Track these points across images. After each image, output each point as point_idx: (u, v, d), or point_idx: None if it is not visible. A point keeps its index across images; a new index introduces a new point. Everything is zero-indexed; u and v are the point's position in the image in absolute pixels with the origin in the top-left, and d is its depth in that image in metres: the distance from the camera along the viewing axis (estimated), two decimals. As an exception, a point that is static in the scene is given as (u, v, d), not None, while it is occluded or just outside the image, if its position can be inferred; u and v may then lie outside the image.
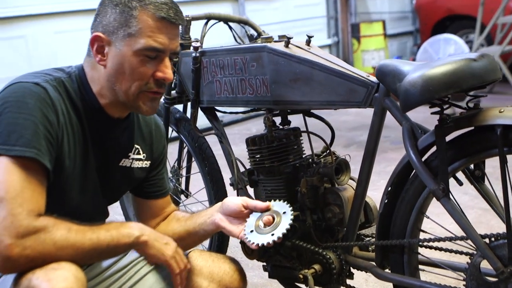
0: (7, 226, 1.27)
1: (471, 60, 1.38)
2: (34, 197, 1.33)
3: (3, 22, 4.31)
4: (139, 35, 1.43)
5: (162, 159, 1.81)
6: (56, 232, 1.32)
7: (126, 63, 1.45)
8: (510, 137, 1.35)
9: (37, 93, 1.39)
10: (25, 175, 1.32)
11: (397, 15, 7.88)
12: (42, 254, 1.30)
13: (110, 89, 1.49)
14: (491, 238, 1.41)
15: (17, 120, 1.34)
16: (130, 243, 1.45)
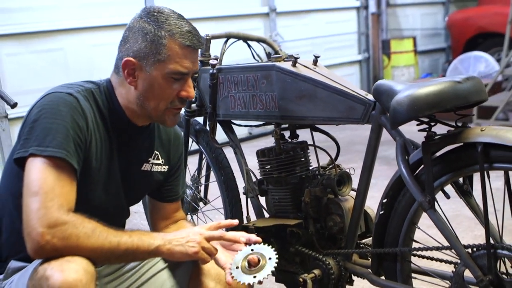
0: (40, 217, 1.42)
1: (456, 82, 1.49)
2: (64, 193, 1.48)
3: (43, 35, 4.55)
4: (168, 61, 1.60)
5: (179, 166, 1.96)
6: (82, 229, 1.46)
7: (155, 84, 1.62)
8: (490, 154, 1.45)
9: (70, 102, 1.56)
10: (56, 173, 1.48)
11: (430, 32, 7.92)
12: (65, 246, 1.43)
13: (139, 106, 1.66)
14: (473, 248, 1.51)
15: (51, 125, 1.51)
16: (150, 251, 1.57)
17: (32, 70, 4.45)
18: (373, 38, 7.03)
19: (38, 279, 1.43)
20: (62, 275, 1.39)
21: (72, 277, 1.40)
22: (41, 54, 4.54)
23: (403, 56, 6.85)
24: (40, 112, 1.54)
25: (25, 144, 1.51)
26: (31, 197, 1.45)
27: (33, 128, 1.53)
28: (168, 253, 1.59)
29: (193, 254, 1.59)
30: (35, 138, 1.50)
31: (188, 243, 1.60)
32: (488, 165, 1.46)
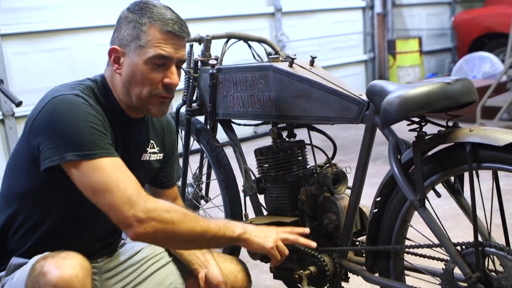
0: (129, 208, 1.48)
1: (445, 83, 1.52)
2: (131, 179, 1.55)
3: (49, 35, 4.60)
4: (148, 46, 1.63)
5: (173, 152, 2.01)
6: (174, 214, 1.54)
7: (137, 71, 1.65)
8: (478, 154, 1.48)
9: (81, 103, 1.59)
10: (111, 165, 1.54)
11: (436, 32, 7.93)
12: (164, 229, 1.52)
13: (126, 94, 1.70)
14: (462, 246, 1.54)
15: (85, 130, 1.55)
16: (234, 237, 1.66)
17: (39, 69, 4.51)
18: (379, 38, 7.05)
19: (35, 275, 1.48)
20: (58, 271, 1.44)
21: (68, 273, 1.44)
22: (48, 53, 4.60)
23: (409, 56, 6.87)
24: (57, 118, 1.56)
25: (56, 151, 1.53)
26: (106, 196, 1.51)
27: (58, 135, 1.55)
28: (247, 242, 1.69)
29: (268, 248, 1.70)
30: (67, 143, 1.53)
31: (266, 237, 1.71)
32: (477, 164, 1.50)
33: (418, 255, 1.79)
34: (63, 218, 1.72)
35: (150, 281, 1.92)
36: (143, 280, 1.92)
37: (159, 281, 1.93)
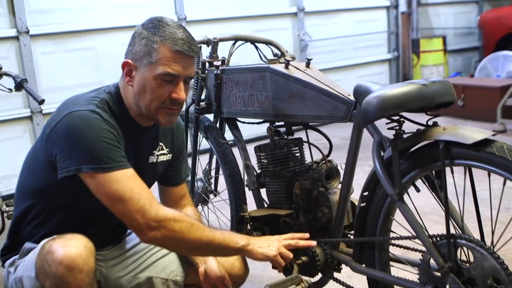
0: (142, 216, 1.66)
1: (422, 85, 1.61)
2: (143, 189, 1.71)
3: (75, 35, 4.79)
4: (158, 64, 1.75)
5: (181, 152, 2.14)
6: (182, 224, 1.71)
7: (147, 85, 1.78)
8: (450, 151, 1.57)
9: (97, 118, 1.73)
10: (125, 178, 1.70)
11: (463, 31, 7.90)
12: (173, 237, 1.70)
13: (135, 104, 1.84)
14: (436, 238, 1.63)
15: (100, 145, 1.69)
16: (237, 248, 1.82)
17: (65, 68, 4.70)
18: (403, 37, 7.07)
19: (44, 254, 1.63)
20: (64, 250, 1.60)
21: (73, 252, 1.60)
22: (74, 52, 4.79)
23: (432, 55, 6.87)
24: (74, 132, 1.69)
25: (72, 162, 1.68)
26: (122, 205, 1.67)
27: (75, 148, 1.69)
28: (251, 253, 1.84)
29: (272, 257, 1.83)
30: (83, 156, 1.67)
31: (269, 247, 1.85)
32: (450, 161, 1.58)
33: (400, 247, 1.89)
34: (73, 215, 1.87)
35: (153, 269, 2.05)
36: (146, 267, 2.05)
37: (161, 269, 2.06)
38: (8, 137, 4.54)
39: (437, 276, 1.64)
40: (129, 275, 2.03)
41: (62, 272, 1.58)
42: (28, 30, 4.49)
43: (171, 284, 2.05)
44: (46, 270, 1.61)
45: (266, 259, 1.84)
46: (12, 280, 1.84)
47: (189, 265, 2.06)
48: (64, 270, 1.58)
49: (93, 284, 1.66)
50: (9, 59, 4.41)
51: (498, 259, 1.50)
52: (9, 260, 1.91)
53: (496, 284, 1.52)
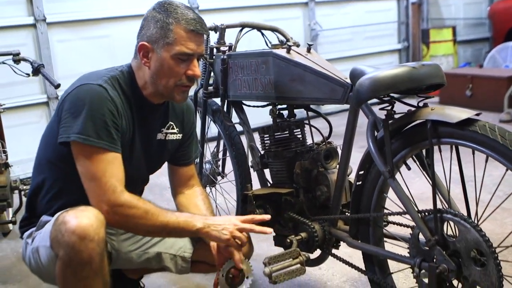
0: (102, 199, 1.80)
1: (411, 68, 1.71)
2: (115, 175, 1.83)
3: (91, 23, 4.92)
4: (174, 44, 1.88)
5: (191, 133, 2.26)
6: (137, 211, 1.82)
7: (165, 64, 1.91)
8: (438, 130, 1.66)
9: (101, 93, 1.86)
10: (105, 160, 1.82)
11: (473, 21, 7.93)
12: (126, 222, 1.83)
13: (153, 84, 1.96)
14: (424, 213, 1.73)
15: (93, 118, 1.81)
16: (192, 231, 1.91)
17: (81, 55, 4.84)
18: (413, 27, 7.12)
19: (58, 224, 1.75)
20: (77, 220, 1.71)
21: (85, 222, 1.71)
22: (90, 40, 4.92)
23: (442, 45, 6.93)
24: (78, 103, 1.84)
25: (67, 130, 1.82)
26: (90, 181, 1.82)
27: (75, 118, 1.82)
28: (206, 235, 1.93)
29: (225, 240, 1.91)
30: (78, 126, 1.80)
31: (223, 230, 1.92)
32: (437, 140, 1.68)
33: (393, 223, 2.00)
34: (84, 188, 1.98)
35: (162, 245, 2.18)
36: (155, 243, 2.17)
37: (170, 246, 2.18)
38: (25, 122, 4.69)
39: (425, 250, 1.73)
40: (139, 250, 2.15)
41: (75, 241, 1.68)
42: (45, 18, 4.62)
43: (179, 259, 2.17)
44: (59, 239, 1.72)
45: (220, 241, 1.91)
46: (30, 250, 1.96)
47: (197, 242, 2.17)
48: (76, 239, 1.68)
49: (103, 253, 1.76)
50: (26, 47, 4.55)
51: (481, 232, 1.59)
52: (27, 232, 2.04)
53: (479, 256, 1.62)
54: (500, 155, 1.52)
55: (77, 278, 1.73)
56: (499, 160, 1.53)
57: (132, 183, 1.94)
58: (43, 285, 2.72)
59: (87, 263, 1.71)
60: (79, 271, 1.71)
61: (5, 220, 3.21)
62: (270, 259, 1.94)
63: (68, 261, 1.71)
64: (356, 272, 2.03)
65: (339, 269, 2.70)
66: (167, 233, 1.92)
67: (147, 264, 2.18)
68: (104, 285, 1.79)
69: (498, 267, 1.56)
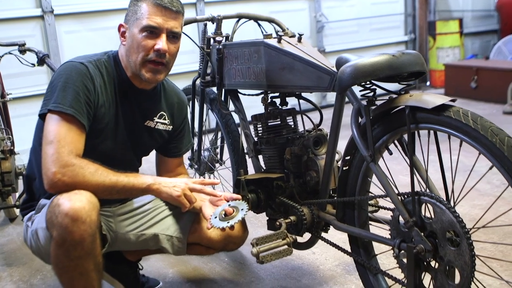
0: (53, 160, 1.84)
1: (391, 56, 1.77)
2: (74, 142, 1.89)
3: (99, 14, 5.02)
4: (142, 18, 1.99)
5: (183, 127, 2.34)
6: (87, 169, 1.86)
7: (134, 40, 2.01)
8: (416, 116, 1.73)
9: (81, 69, 1.97)
10: (68, 126, 1.90)
11: (481, 14, 7.93)
12: (74, 182, 1.84)
13: (128, 62, 2.05)
14: (403, 195, 1.80)
15: (65, 88, 1.92)
16: (142, 188, 1.97)
17: (89, 46, 4.93)
18: (420, 19, 7.14)
19: (52, 206, 1.84)
20: (70, 203, 1.79)
21: (78, 205, 1.79)
22: (97, 31, 5.02)
23: (448, 37, 6.95)
24: (57, 78, 1.95)
25: (46, 103, 1.93)
26: (47, 144, 1.87)
27: (52, 91, 1.94)
28: (157, 192, 1.97)
29: (176, 197, 1.97)
30: (53, 98, 1.91)
31: (174, 187, 1.99)
32: (415, 125, 1.74)
33: (380, 207, 2.06)
34: None
35: (159, 226, 2.27)
36: (152, 225, 2.26)
37: (166, 227, 2.27)
38: (32, 112, 4.77)
39: (404, 231, 1.80)
40: (137, 231, 2.24)
41: (67, 222, 1.77)
42: (52, 10, 4.73)
43: (175, 240, 2.25)
44: (53, 221, 1.81)
45: (171, 198, 1.96)
46: (30, 233, 2.06)
47: (193, 224, 2.26)
48: (69, 221, 1.77)
49: (95, 235, 1.84)
50: (34, 38, 4.67)
51: (455, 213, 1.65)
52: (27, 216, 2.14)
53: (455, 236, 1.68)
54: (472, 139, 1.58)
55: (70, 258, 1.81)
56: (471, 144, 1.59)
57: (118, 164, 2.01)
58: (47, 267, 2.83)
59: (78, 244, 1.79)
60: (71, 251, 1.80)
61: (11, 204, 3.31)
62: (257, 240, 2.01)
63: (61, 241, 1.79)
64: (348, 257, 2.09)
65: (332, 254, 2.77)
66: (117, 191, 1.92)
67: (144, 245, 2.27)
68: (95, 266, 1.87)
69: (471, 247, 1.62)
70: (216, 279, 2.66)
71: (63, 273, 1.84)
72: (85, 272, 1.82)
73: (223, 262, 2.82)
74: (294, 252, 2.13)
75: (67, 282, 1.85)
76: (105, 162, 1.93)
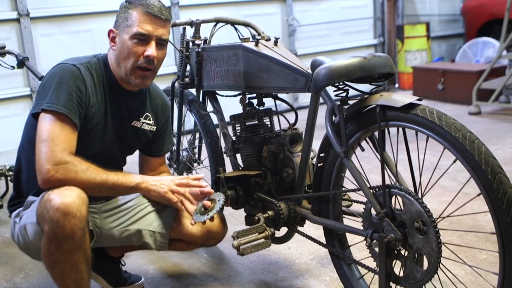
0: (47, 157, 1.92)
1: (363, 58, 1.90)
2: (67, 140, 1.98)
3: (74, 18, 5.07)
4: (132, 26, 2.08)
5: (165, 128, 2.44)
6: (79, 167, 1.95)
7: (125, 46, 2.10)
8: (386, 114, 1.85)
9: (73, 71, 2.06)
10: (61, 125, 1.98)
11: (447, 18, 8.17)
12: (66, 179, 1.92)
13: (118, 66, 2.15)
14: (375, 188, 1.92)
15: (58, 88, 2.00)
16: (132, 187, 2.07)
17: (64, 49, 4.98)
18: (389, 23, 7.33)
19: (43, 201, 1.91)
20: (60, 198, 1.87)
21: (68, 200, 1.87)
22: (72, 34, 5.07)
23: (416, 40, 7.15)
24: (50, 78, 2.04)
25: (39, 102, 2.01)
26: (41, 143, 1.95)
27: (45, 90, 2.02)
28: (146, 190, 2.09)
29: (163, 193, 2.09)
30: (47, 97, 1.99)
31: (161, 185, 2.11)
32: (385, 123, 1.87)
33: (353, 201, 2.19)
34: None
35: (142, 222, 2.35)
36: (135, 221, 2.35)
37: (149, 223, 2.35)
38: (9, 114, 4.84)
39: (376, 222, 1.93)
40: (120, 227, 2.32)
41: (58, 217, 1.85)
42: (28, 13, 4.76)
43: (158, 236, 2.34)
44: (45, 215, 1.88)
45: (159, 195, 2.09)
46: (18, 228, 2.13)
47: (174, 220, 2.35)
48: (60, 215, 1.85)
49: (84, 229, 1.93)
50: (10, 41, 4.69)
51: (422, 204, 1.79)
52: (15, 212, 2.22)
53: (423, 226, 1.82)
54: (438, 135, 1.71)
55: (61, 251, 1.89)
56: (437, 139, 1.72)
57: (106, 162, 2.10)
58: (29, 265, 2.89)
59: (69, 237, 1.87)
60: (62, 244, 1.88)
61: (-8, 204, 3.36)
62: (238, 233, 2.12)
63: (53, 235, 1.87)
64: (323, 250, 2.21)
65: (306, 249, 2.89)
66: (107, 188, 2.01)
67: (128, 241, 2.35)
68: (85, 258, 1.96)
69: (437, 235, 1.75)
70: (196, 274, 2.76)
71: (54, 266, 1.91)
72: (75, 265, 1.91)
73: (202, 258, 2.92)
74: (270, 247, 2.24)
75: (58, 274, 1.93)
76: (94, 160, 2.02)
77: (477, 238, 2.86)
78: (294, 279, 2.62)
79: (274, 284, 2.59)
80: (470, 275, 2.44)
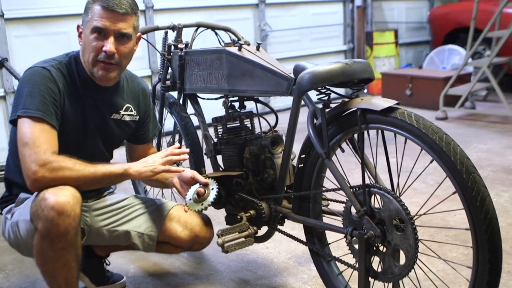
0: (32, 160, 1.94)
1: (344, 64, 1.99)
2: (48, 141, 2.00)
3: (49, 20, 5.06)
4: (91, 20, 2.10)
5: (148, 115, 2.49)
6: (65, 164, 1.97)
7: (86, 40, 2.14)
8: (366, 117, 1.95)
9: (44, 74, 2.09)
10: (39, 127, 2.00)
11: (414, 25, 8.38)
12: (55, 177, 1.95)
13: (83, 61, 2.18)
14: (355, 188, 2.02)
15: (31, 93, 2.03)
16: (121, 173, 2.07)
17: (39, 51, 4.93)
18: (358, 30, 7.50)
19: (38, 200, 1.94)
20: (55, 197, 1.90)
21: (63, 199, 1.91)
22: (47, 36, 5.06)
23: (385, 47, 7.33)
24: (23, 84, 2.07)
25: (15, 109, 2.05)
26: (23, 147, 1.98)
27: (19, 97, 2.06)
28: (137, 173, 2.10)
29: (154, 169, 2.11)
30: (21, 104, 2.03)
31: (149, 164, 2.13)
32: (365, 125, 1.96)
33: (331, 200, 2.28)
34: None
35: (131, 224, 2.40)
36: (125, 222, 2.40)
37: (138, 225, 2.40)
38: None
39: (356, 220, 2.02)
40: (110, 226, 2.36)
41: (53, 216, 1.88)
42: (3, 14, 4.74)
43: (146, 238, 2.39)
44: (39, 214, 1.91)
45: (152, 173, 2.10)
46: (9, 225, 2.16)
47: (163, 223, 2.40)
48: (54, 214, 1.88)
49: (77, 228, 1.97)
50: (-16, 42, 4.67)
51: (400, 202, 1.89)
52: (6, 208, 2.24)
53: (400, 223, 1.91)
54: (415, 137, 1.82)
55: (53, 249, 1.93)
56: (414, 141, 1.83)
57: (90, 158, 2.12)
58: (9, 265, 2.91)
59: (63, 236, 1.91)
60: (56, 242, 1.91)
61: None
62: (222, 231, 2.19)
63: (46, 233, 1.91)
64: (300, 250, 2.30)
65: (284, 248, 2.98)
66: (98, 180, 2.01)
67: (116, 241, 2.39)
68: (76, 257, 2.00)
69: (415, 231, 1.85)
70: (177, 272, 2.81)
71: (46, 264, 1.95)
72: (67, 263, 1.95)
73: (182, 257, 2.97)
74: (249, 247, 2.31)
75: (49, 272, 1.97)
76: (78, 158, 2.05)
77: (447, 237, 2.99)
78: (273, 277, 2.70)
79: (254, 282, 2.66)
80: (441, 272, 2.56)
